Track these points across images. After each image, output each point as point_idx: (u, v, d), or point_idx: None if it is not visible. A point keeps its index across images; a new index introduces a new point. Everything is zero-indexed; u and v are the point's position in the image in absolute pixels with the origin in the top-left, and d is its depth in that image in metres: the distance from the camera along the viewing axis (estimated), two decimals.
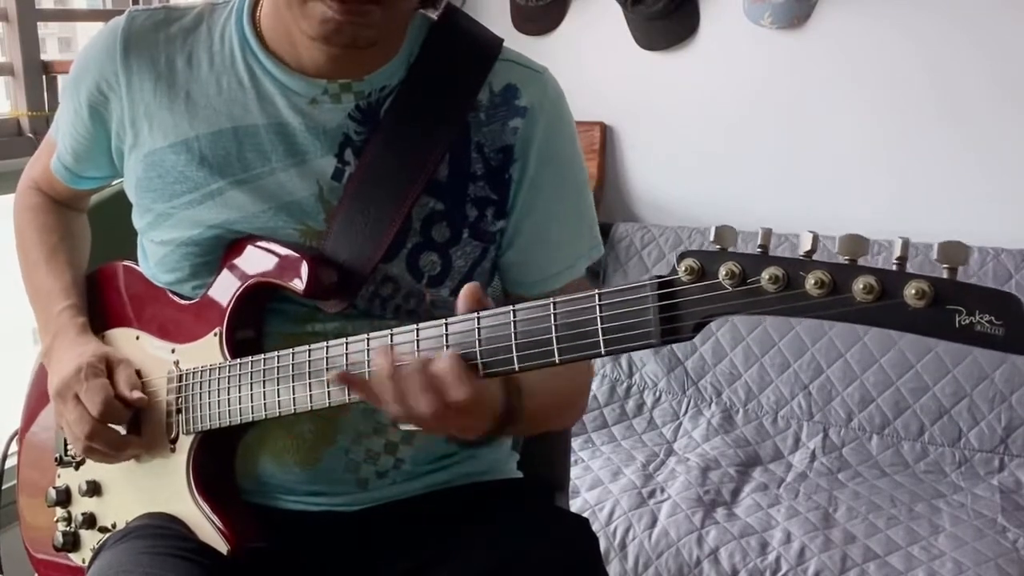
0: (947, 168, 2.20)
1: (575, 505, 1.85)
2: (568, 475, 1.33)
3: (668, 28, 2.43)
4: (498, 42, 0.99)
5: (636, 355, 2.34)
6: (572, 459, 1.84)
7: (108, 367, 0.98)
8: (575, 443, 2.15)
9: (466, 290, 0.78)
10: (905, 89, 2.21)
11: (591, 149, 2.53)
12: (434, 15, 0.99)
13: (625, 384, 2.34)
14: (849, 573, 1.66)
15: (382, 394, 0.78)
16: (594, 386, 2.33)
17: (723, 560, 1.72)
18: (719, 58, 2.41)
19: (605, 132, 2.56)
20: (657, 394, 2.31)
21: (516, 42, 1.73)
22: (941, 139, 2.19)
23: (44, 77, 1.88)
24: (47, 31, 2.09)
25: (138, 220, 1.01)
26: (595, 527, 1.37)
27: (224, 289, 0.95)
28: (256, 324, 0.95)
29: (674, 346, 2.29)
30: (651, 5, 2.39)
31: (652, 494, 1.90)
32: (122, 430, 0.97)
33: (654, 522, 1.81)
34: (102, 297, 1.09)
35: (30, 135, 1.85)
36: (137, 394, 0.96)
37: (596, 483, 1.95)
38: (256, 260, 0.93)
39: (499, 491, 1.04)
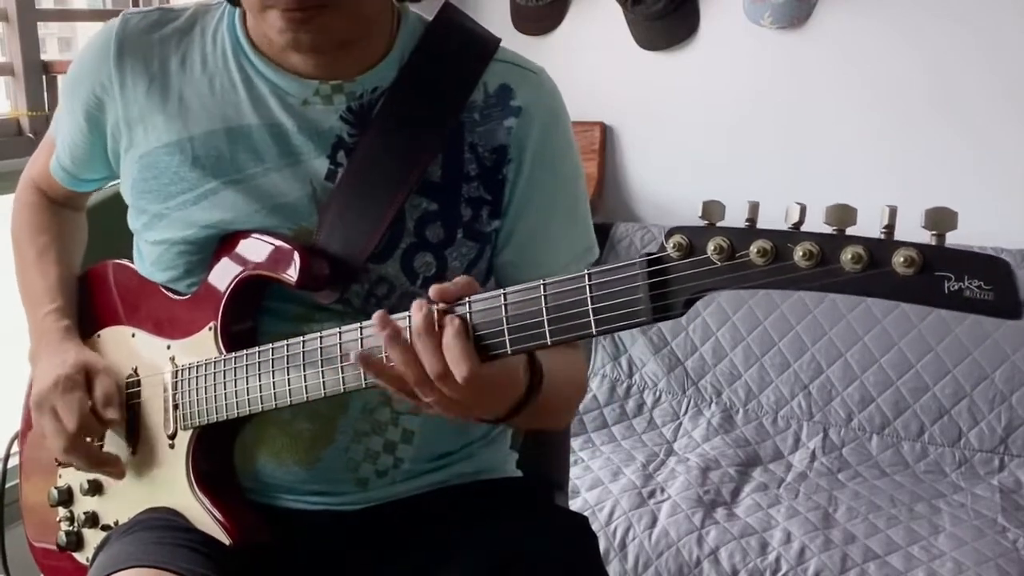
0: (947, 168, 2.20)
1: (575, 505, 1.85)
2: (568, 474, 1.32)
3: (668, 28, 2.43)
4: (495, 42, 0.99)
5: (636, 355, 2.34)
6: (572, 459, 1.85)
7: (87, 377, 0.98)
8: (575, 443, 2.15)
9: (461, 279, 0.77)
10: (905, 89, 2.21)
11: (591, 149, 2.53)
12: (416, 8, 0.98)
13: (625, 384, 2.34)
14: (849, 573, 1.66)
15: (395, 357, 0.75)
16: (594, 386, 2.33)
17: (723, 560, 1.72)
18: (719, 58, 2.41)
19: (605, 132, 2.56)
20: (657, 394, 2.31)
21: (515, 42, 1.73)
22: (941, 139, 2.19)
23: (44, 77, 1.88)
24: (47, 31, 2.09)
25: (133, 221, 1.01)
26: (595, 527, 1.37)
27: (217, 283, 0.95)
28: (251, 317, 0.95)
29: (674, 346, 2.29)
30: (651, 5, 2.39)
31: (652, 494, 1.90)
32: (122, 443, 0.98)
33: (654, 522, 1.80)
34: (95, 297, 1.09)
35: (30, 135, 1.84)
36: (112, 413, 0.96)
37: (596, 483, 1.95)
38: (248, 253, 0.93)
39: (499, 490, 1.04)
